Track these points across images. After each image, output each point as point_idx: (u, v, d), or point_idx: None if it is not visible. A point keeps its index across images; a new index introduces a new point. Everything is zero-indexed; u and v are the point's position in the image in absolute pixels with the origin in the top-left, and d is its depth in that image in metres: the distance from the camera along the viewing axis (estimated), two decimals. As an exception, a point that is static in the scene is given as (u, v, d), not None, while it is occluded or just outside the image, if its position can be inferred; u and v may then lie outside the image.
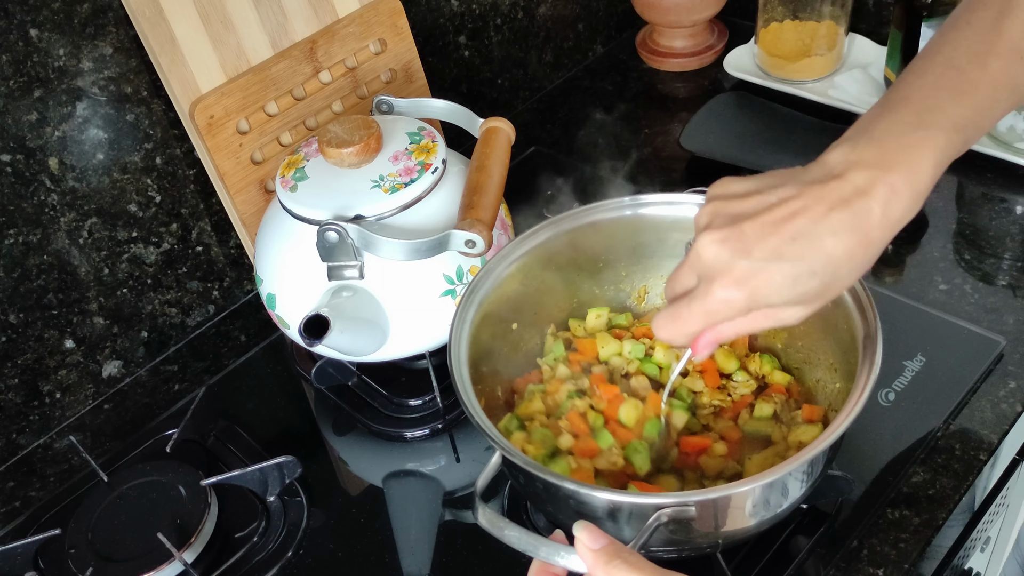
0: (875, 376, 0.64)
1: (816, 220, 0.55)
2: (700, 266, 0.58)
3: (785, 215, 0.55)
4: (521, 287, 0.80)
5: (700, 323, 0.59)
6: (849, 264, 0.56)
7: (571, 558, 0.56)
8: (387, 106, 0.91)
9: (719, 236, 0.57)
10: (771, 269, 0.55)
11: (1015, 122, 1.02)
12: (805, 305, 0.58)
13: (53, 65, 0.83)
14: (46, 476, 0.90)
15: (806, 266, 0.55)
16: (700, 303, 0.58)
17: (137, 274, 0.95)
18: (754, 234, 0.56)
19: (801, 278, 0.55)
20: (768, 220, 0.56)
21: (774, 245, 0.55)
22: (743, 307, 0.57)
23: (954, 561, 0.88)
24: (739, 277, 0.56)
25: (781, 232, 0.55)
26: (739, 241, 0.56)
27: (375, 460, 0.87)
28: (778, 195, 0.57)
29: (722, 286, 0.56)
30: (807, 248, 0.55)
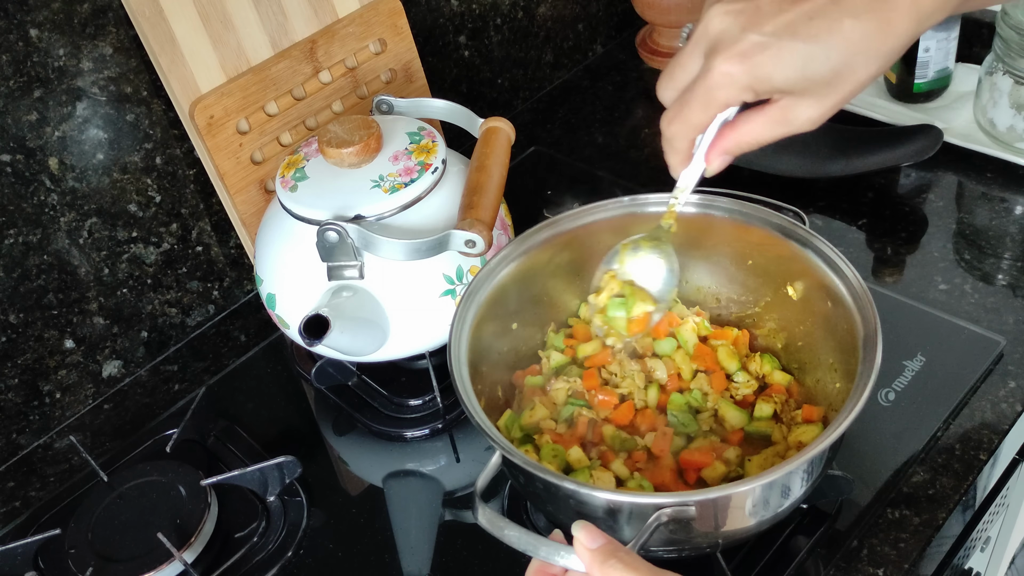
0: (875, 376, 0.64)
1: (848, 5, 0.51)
2: (706, 40, 0.54)
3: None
4: (521, 287, 0.80)
5: (703, 108, 0.54)
6: (866, 53, 0.52)
7: (570, 558, 0.56)
8: (387, 106, 0.91)
9: (732, 7, 0.53)
10: (782, 45, 0.51)
11: (1015, 122, 1.02)
12: (816, 97, 0.54)
13: (53, 65, 0.83)
14: (46, 476, 0.90)
15: (820, 47, 0.51)
16: (703, 82, 0.53)
17: (137, 274, 0.95)
18: (769, 8, 0.52)
19: (813, 60, 0.52)
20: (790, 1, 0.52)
21: (789, 20, 0.51)
22: (746, 84, 0.53)
23: (954, 561, 0.88)
24: (745, 50, 0.52)
25: (798, 7, 0.51)
26: (753, 14, 0.52)
27: (375, 460, 0.87)
28: None
29: (725, 59, 0.52)
30: (824, 28, 0.51)
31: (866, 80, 0.53)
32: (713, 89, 0.53)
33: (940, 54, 1.08)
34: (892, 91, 1.14)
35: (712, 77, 0.53)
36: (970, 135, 1.06)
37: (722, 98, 0.54)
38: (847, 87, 0.53)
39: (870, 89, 1.15)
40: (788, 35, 0.51)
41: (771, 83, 0.53)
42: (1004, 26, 0.98)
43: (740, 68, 0.52)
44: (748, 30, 0.52)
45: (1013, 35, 0.97)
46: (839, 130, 1.05)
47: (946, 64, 1.09)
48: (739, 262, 0.81)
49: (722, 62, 0.52)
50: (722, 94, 0.54)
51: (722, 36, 0.53)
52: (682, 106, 0.56)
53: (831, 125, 1.07)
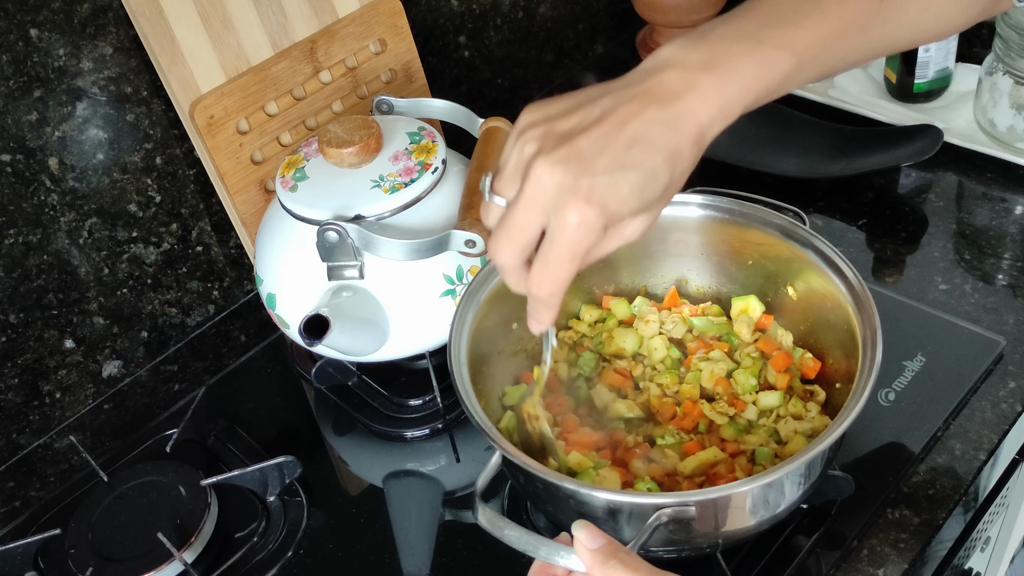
0: (875, 376, 0.64)
1: (646, 122, 0.54)
2: (545, 197, 0.54)
3: (616, 123, 0.54)
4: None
5: (570, 261, 0.55)
6: (681, 161, 0.55)
7: (571, 558, 0.56)
8: (387, 106, 0.91)
9: (557, 157, 0.53)
10: (618, 179, 0.53)
11: (1015, 122, 1.02)
12: (648, 213, 0.57)
13: (53, 65, 0.83)
14: (46, 476, 0.90)
15: (648, 169, 0.54)
16: (561, 238, 0.54)
17: (137, 274, 0.95)
18: (591, 149, 0.53)
19: (647, 182, 0.54)
20: (600, 132, 0.53)
21: (613, 154, 0.53)
22: (600, 226, 0.54)
23: (954, 561, 0.88)
24: (587, 195, 0.52)
25: (616, 140, 0.53)
26: (578, 160, 0.53)
27: (375, 460, 0.87)
28: (601, 106, 0.55)
29: (576, 210, 0.53)
30: (645, 151, 0.53)
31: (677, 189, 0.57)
32: (576, 242, 0.54)
33: (940, 54, 1.08)
34: (892, 91, 1.14)
35: (571, 231, 0.53)
36: (970, 135, 1.06)
37: (585, 245, 0.54)
38: (669, 197, 0.57)
39: (870, 89, 1.15)
40: (620, 168, 0.53)
41: (620, 216, 0.54)
42: (1004, 26, 0.98)
43: (593, 212, 0.53)
44: (582, 176, 0.53)
45: (1013, 35, 0.97)
46: (839, 130, 1.05)
47: (946, 64, 1.09)
48: (739, 262, 0.81)
49: (574, 213, 0.53)
50: (585, 242, 0.54)
51: (560, 188, 0.53)
52: (548, 267, 0.55)
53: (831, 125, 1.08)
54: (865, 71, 1.18)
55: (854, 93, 1.15)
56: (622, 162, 0.53)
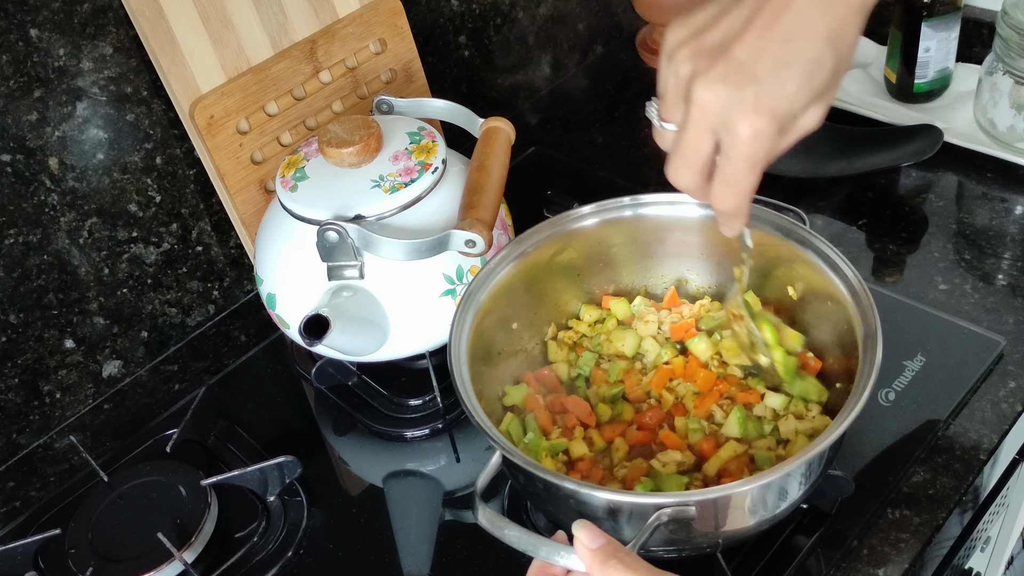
0: (875, 376, 0.64)
1: (800, 10, 0.51)
2: (712, 117, 0.53)
3: (767, 20, 0.52)
4: (521, 287, 0.80)
5: (751, 172, 0.54)
6: (846, 35, 0.52)
7: (571, 558, 0.56)
8: (387, 106, 0.91)
9: (716, 74, 0.52)
10: (783, 79, 0.51)
11: (1015, 122, 1.02)
12: (821, 100, 0.54)
13: (53, 65, 0.83)
14: (46, 476, 0.90)
15: (812, 58, 0.52)
16: (737, 153, 0.53)
17: (137, 274, 0.95)
18: (748, 55, 0.52)
19: (813, 72, 0.52)
20: (754, 34, 0.52)
21: (773, 54, 0.51)
22: (776, 130, 0.53)
23: (954, 561, 0.88)
24: (757, 105, 0.52)
25: (772, 38, 0.51)
26: (738, 71, 0.52)
27: (375, 460, 0.87)
28: (749, 4, 0.52)
29: (748, 123, 0.52)
30: (803, 40, 0.51)
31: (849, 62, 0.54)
32: (752, 154, 0.53)
33: (940, 54, 1.08)
34: (892, 91, 1.14)
35: (745, 145, 0.53)
36: (970, 135, 1.06)
37: (763, 155, 0.54)
38: (839, 77, 0.54)
39: (870, 89, 1.15)
40: (782, 67, 0.51)
41: (793, 114, 0.53)
42: (1004, 26, 0.98)
43: (764, 120, 0.52)
44: (745, 86, 0.52)
45: (1013, 35, 0.97)
46: (839, 130, 1.05)
47: (946, 64, 1.09)
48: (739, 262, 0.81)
49: (746, 127, 0.52)
50: (762, 151, 0.53)
51: (728, 105, 0.52)
52: (729, 182, 0.55)
53: (831, 125, 1.08)
54: (865, 71, 1.18)
55: (854, 93, 1.15)
56: (783, 60, 0.51)
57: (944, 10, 1.04)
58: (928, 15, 1.05)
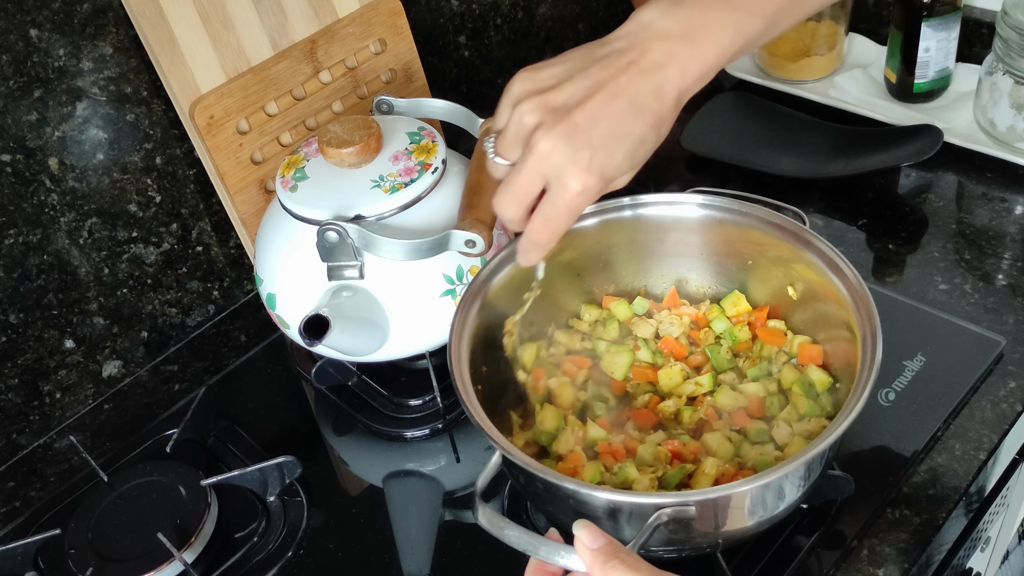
0: (875, 376, 0.64)
1: (634, 94, 0.60)
2: (546, 167, 0.60)
3: (606, 96, 0.60)
4: (521, 287, 0.80)
5: (570, 218, 0.63)
6: (663, 124, 0.62)
7: (571, 558, 0.56)
8: (387, 106, 0.91)
9: (558, 133, 0.59)
10: (614, 148, 0.60)
11: (1015, 122, 1.02)
12: (634, 169, 0.64)
13: (53, 65, 0.83)
14: (46, 476, 0.90)
15: (638, 136, 0.61)
16: (562, 201, 0.61)
17: (137, 274, 0.95)
18: (587, 122, 0.59)
19: (637, 149, 0.61)
20: (594, 105, 0.59)
21: (608, 127, 0.59)
22: (598, 190, 0.61)
23: (954, 561, 0.88)
24: (587, 166, 0.60)
25: (610, 113, 0.59)
26: (577, 134, 0.59)
27: (375, 460, 0.87)
28: (591, 77, 0.60)
29: (577, 179, 0.60)
30: (635, 120, 0.60)
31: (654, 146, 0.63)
32: (576, 205, 0.62)
33: (940, 54, 1.08)
34: (892, 91, 1.14)
35: (572, 198, 0.61)
36: (970, 135, 1.06)
37: (584, 205, 0.62)
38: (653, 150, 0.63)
39: (870, 89, 1.15)
40: (614, 138, 0.60)
41: (614, 178, 0.62)
42: (1004, 26, 0.98)
43: (593, 179, 0.60)
44: (581, 148, 0.60)
45: (1013, 35, 0.97)
46: (839, 130, 1.05)
47: (946, 64, 1.09)
48: (739, 262, 0.81)
49: (575, 182, 0.60)
50: (584, 203, 0.62)
51: (563, 160, 0.60)
52: (548, 221, 0.63)
53: (831, 125, 1.08)
54: (865, 71, 1.18)
55: (854, 93, 1.15)
56: (615, 133, 0.60)
57: (944, 10, 1.04)
58: (928, 15, 1.05)
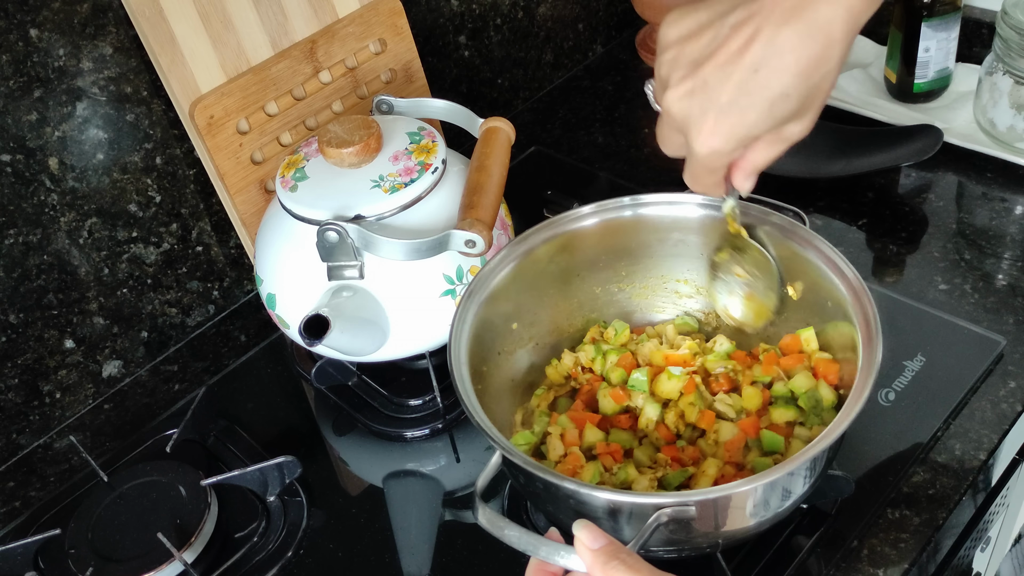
0: (875, 376, 0.64)
1: (772, 41, 0.53)
2: (676, 123, 0.58)
3: (740, 46, 0.54)
4: (521, 287, 0.80)
5: (710, 174, 0.60)
6: (820, 69, 0.54)
7: (571, 558, 0.56)
8: (387, 106, 0.91)
9: (684, 89, 0.56)
10: (744, 106, 0.55)
11: (1015, 122, 1.02)
12: (798, 119, 0.57)
13: (53, 65, 0.83)
14: (46, 476, 0.90)
15: (777, 91, 0.54)
16: (696, 159, 0.58)
17: (137, 274, 0.95)
18: (715, 79, 0.55)
19: (776, 103, 0.54)
20: (725, 58, 0.54)
21: (737, 83, 0.54)
22: (731, 149, 0.57)
23: (954, 561, 0.88)
24: (713, 127, 0.56)
25: (741, 66, 0.54)
26: (703, 91, 0.55)
27: (375, 460, 0.87)
28: (730, 23, 0.55)
29: (701, 142, 0.57)
30: (771, 74, 0.53)
31: (830, 87, 0.56)
32: (708, 164, 0.58)
33: (940, 54, 1.08)
34: (892, 91, 1.14)
35: (701, 158, 0.58)
36: (970, 135, 1.06)
37: (719, 165, 0.59)
38: (818, 100, 0.56)
39: (870, 89, 1.15)
40: (745, 96, 0.54)
41: (753, 136, 0.57)
42: (1004, 26, 0.98)
43: (720, 141, 0.56)
44: (707, 107, 0.55)
45: (1013, 35, 0.97)
46: (839, 130, 1.05)
47: (946, 64, 1.09)
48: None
49: (701, 144, 0.57)
50: (718, 163, 0.58)
51: (688, 119, 0.57)
52: (694, 177, 0.61)
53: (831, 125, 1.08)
54: (865, 71, 1.18)
55: (854, 93, 1.15)
56: (747, 89, 0.54)
57: (944, 10, 1.04)
58: (928, 15, 1.05)
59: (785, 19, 0.53)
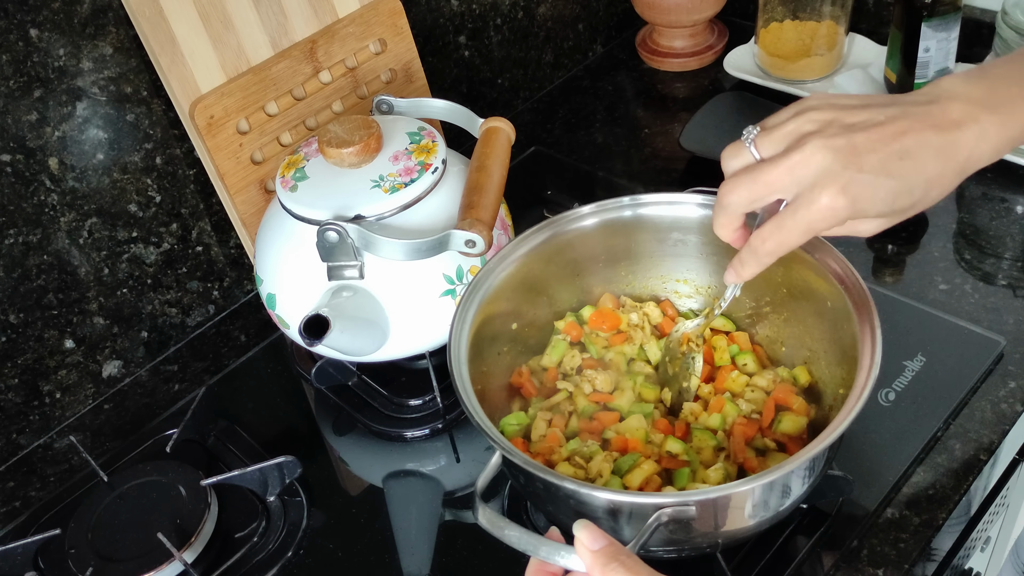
0: (875, 376, 0.64)
1: (922, 141, 0.57)
2: (806, 171, 0.58)
3: (895, 133, 0.57)
4: (521, 287, 0.80)
5: (802, 235, 0.60)
6: (939, 187, 0.59)
7: (571, 558, 0.56)
8: (387, 106, 0.91)
9: (833, 144, 0.57)
10: (878, 183, 0.57)
11: (1015, 122, 1.01)
12: (886, 219, 0.61)
13: (53, 65, 0.83)
14: (46, 476, 0.90)
15: (907, 183, 0.58)
16: (805, 212, 0.58)
17: (137, 274, 0.95)
18: (866, 147, 0.57)
19: (901, 194, 0.58)
20: (879, 136, 0.57)
21: (883, 160, 0.57)
22: (844, 217, 0.58)
23: (954, 561, 0.88)
24: (845, 187, 0.57)
25: (891, 148, 0.57)
26: (852, 153, 0.57)
27: (375, 460, 0.87)
28: (886, 113, 0.58)
29: (830, 195, 0.57)
30: (911, 167, 0.57)
31: (922, 208, 0.60)
32: (817, 220, 0.58)
33: (940, 54, 1.08)
34: (892, 91, 1.13)
35: (816, 210, 0.58)
36: (970, 135, 1.06)
37: (823, 227, 0.59)
38: (915, 211, 0.60)
39: (870, 89, 1.15)
40: (884, 174, 0.57)
41: (865, 213, 0.59)
42: (1004, 26, 0.98)
43: (843, 202, 0.57)
44: (849, 167, 0.57)
45: (1013, 35, 0.97)
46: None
47: (946, 64, 1.09)
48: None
49: (827, 197, 0.57)
50: (824, 224, 0.59)
51: (824, 172, 0.57)
52: (780, 230, 0.60)
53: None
54: (865, 71, 1.18)
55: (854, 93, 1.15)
56: (888, 169, 0.57)
57: (944, 10, 1.04)
58: (928, 15, 1.05)
59: (942, 130, 0.58)
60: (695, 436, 0.74)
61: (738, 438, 0.73)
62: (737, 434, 0.73)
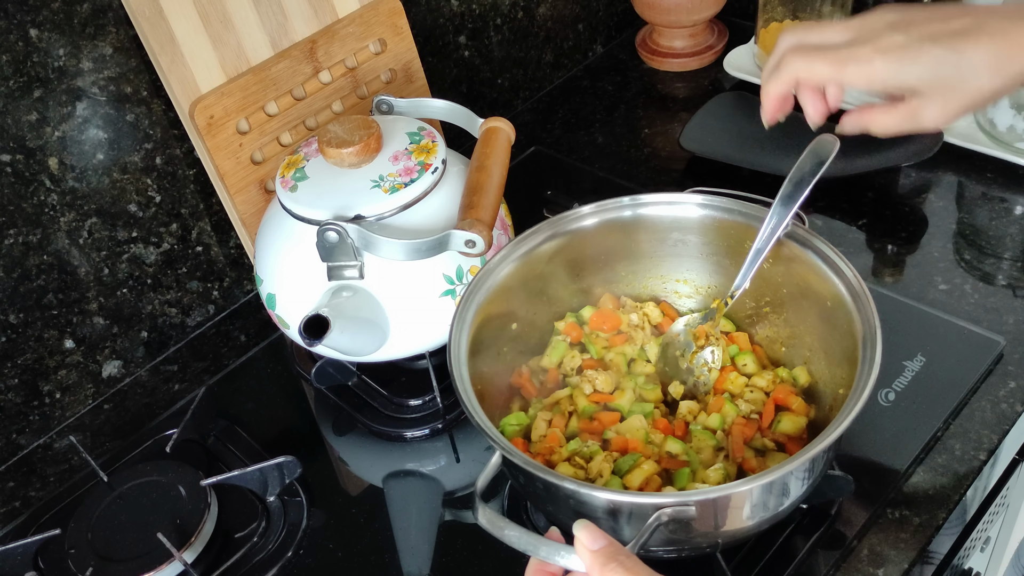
0: (875, 376, 0.64)
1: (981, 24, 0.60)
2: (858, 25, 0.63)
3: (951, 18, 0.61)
4: (521, 287, 0.80)
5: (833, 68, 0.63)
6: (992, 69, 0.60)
7: (571, 558, 0.56)
8: (387, 106, 0.91)
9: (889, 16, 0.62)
10: (921, 47, 0.61)
11: (1015, 122, 1.02)
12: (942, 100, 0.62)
13: (53, 65, 0.83)
14: (46, 476, 0.90)
15: (954, 54, 0.60)
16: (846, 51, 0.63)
17: (137, 274, 0.95)
18: (920, 21, 0.61)
19: (945, 63, 0.60)
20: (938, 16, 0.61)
21: (934, 31, 0.61)
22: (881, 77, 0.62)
23: (954, 561, 0.88)
24: (887, 46, 0.61)
25: (947, 25, 0.61)
26: (904, 23, 0.62)
27: (375, 460, 0.87)
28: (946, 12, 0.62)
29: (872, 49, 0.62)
30: (962, 43, 0.60)
31: (988, 95, 0.62)
32: (849, 62, 0.63)
33: (940, 54, 1.08)
34: (892, 91, 1.13)
35: (855, 54, 0.62)
36: (970, 135, 1.06)
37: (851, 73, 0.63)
38: (970, 95, 0.62)
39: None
40: (928, 41, 0.61)
41: (901, 78, 0.62)
42: (1004, 26, 0.98)
43: (881, 60, 0.61)
44: (895, 31, 0.61)
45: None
46: (839, 130, 1.05)
47: (946, 64, 1.09)
48: (738, 262, 0.81)
49: (869, 51, 0.62)
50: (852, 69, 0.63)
51: (872, 31, 0.62)
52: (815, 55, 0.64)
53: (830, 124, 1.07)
54: (865, 71, 1.18)
55: (854, 93, 1.15)
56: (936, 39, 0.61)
57: (944, 10, 1.04)
58: (928, 15, 1.05)
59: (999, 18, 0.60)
60: (695, 436, 0.74)
61: (737, 438, 0.73)
62: (736, 434, 0.73)
